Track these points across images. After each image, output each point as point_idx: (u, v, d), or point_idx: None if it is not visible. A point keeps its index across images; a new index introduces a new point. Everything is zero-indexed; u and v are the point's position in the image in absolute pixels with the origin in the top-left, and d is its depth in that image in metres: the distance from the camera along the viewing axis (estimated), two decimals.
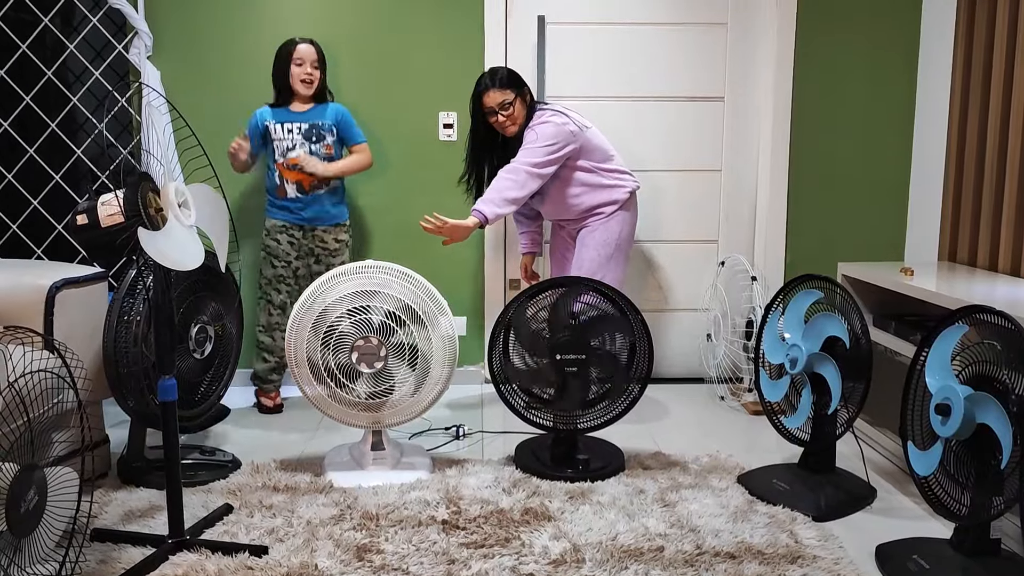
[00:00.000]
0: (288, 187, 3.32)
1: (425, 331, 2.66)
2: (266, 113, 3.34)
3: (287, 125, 3.31)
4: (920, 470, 2.18)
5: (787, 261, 3.80)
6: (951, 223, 3.36)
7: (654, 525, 2.38)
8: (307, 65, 3.30)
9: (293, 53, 3.29)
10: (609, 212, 3.28)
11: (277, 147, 3.31)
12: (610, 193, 3.27)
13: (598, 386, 2.80)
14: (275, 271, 3.37)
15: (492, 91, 3.16)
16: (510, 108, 3.17)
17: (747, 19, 3.73)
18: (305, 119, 3.33)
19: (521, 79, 3.23)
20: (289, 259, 3.37)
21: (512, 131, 3.21)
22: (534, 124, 3.17)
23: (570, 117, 3.18)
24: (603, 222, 3.28)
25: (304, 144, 3.31)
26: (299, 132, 3.31)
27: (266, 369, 3.41)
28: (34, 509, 1.86)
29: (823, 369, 2.54)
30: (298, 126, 3.31)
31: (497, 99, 3.16)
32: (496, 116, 3.19)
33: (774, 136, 3.72)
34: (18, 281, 2.56)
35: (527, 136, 3.16)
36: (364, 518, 2.41)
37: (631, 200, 3.32)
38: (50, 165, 3.55)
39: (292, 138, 3.31)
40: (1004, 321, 2.01)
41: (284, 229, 3.35)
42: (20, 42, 3.47)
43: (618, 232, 3.29)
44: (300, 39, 3.33)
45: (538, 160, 3.10)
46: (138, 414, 2.61)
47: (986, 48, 3.15)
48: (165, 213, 2.06)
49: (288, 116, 3.33)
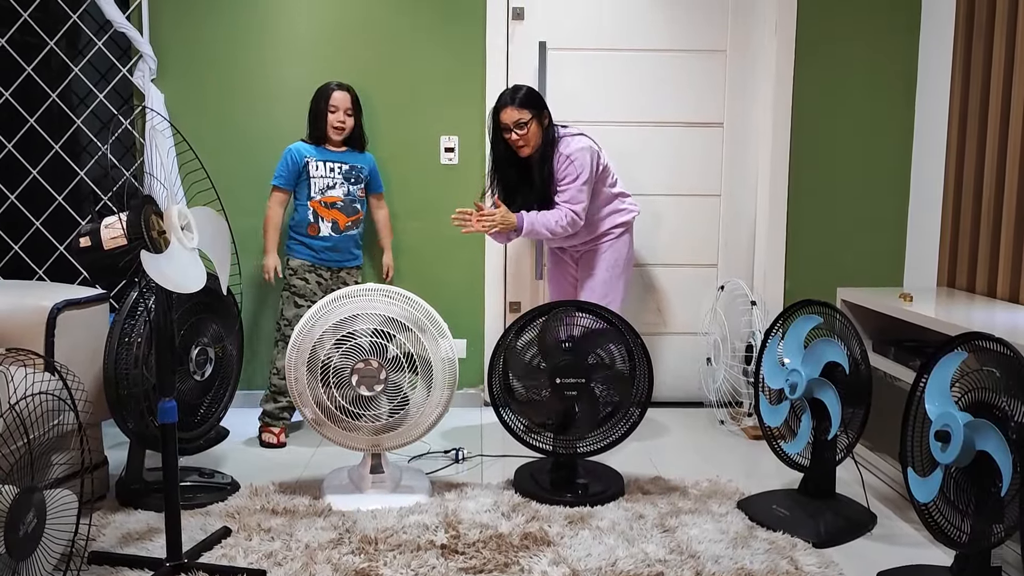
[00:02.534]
0: (323, 224, 3.35)
1: (412, 335, 2.66)
2: (306, 149, 3.37)
3: (329, 164, 3.36)
4: (920, 497, 2.17)
5: (786, 286, 3.81)
6: (950, 249, 3.38)
7: (654, 551, 2.37)
8: (340, 112, 3.36)
9: (330, 99, 3.35)
10: (618, 234, 3.32)
11: (315, 184, 3.34)
12: (619, 216, 3.32)
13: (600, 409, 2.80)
14: (298, 311, 3.31)
15: (509, 108, 3.16)
16: (525, 128, 3.16)
17: (746, 46, 3.76)
18: (345, 160, 3.40)
19: (541, 100, 3.22)
20: (315, 299, 3.30)
21: (526, 152, 3.21)
22: (568, 153, 3.17)
23: (591, 140, 3.24)
24: (611, 243, 3.32)
25: (344, 184, 3.37)
26: (340, 172, 3.37)
27: (277, 408, 3.34)
28: (33, 532, 1.86)
29: (823, 394, 2.54)
30: (339, 165, 3.38)
31: (513, 117, 3.15)
32: (511, 133, 3.18)
33: (773, 161, 3.75)
34: (20, 302, 2.56)
35: (566, 168, 3.16)
36: (363, 542, 2.40)
37: (632, 224, 3.38)
38: (53, 187, 3.57)
39: (334, 177, 3.36)
40: (1003, 348, 2.02)
41: (312, 269, 3.38)
42: (25, 64, 3.50)
43: (625, 253, 3.35)
44: (336, 85, 3.39)
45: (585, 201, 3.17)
46: (137, 436, 2.61)
47: (983, 75, 3.18)
48: (168, 236, 2.07)
49: (329, 155, 3.38)
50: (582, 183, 3.15)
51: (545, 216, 3.16)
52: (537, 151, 3.20)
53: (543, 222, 3.15)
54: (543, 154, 3.20)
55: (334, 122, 3.36)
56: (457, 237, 3.70)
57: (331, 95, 3.36)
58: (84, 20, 3.54)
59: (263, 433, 3.33)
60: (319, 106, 3.38)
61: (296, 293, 3.36)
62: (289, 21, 3.63)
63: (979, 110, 3.20)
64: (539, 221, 3.15)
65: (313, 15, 3.63)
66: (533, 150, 3.20)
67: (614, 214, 3.31)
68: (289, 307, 3.36)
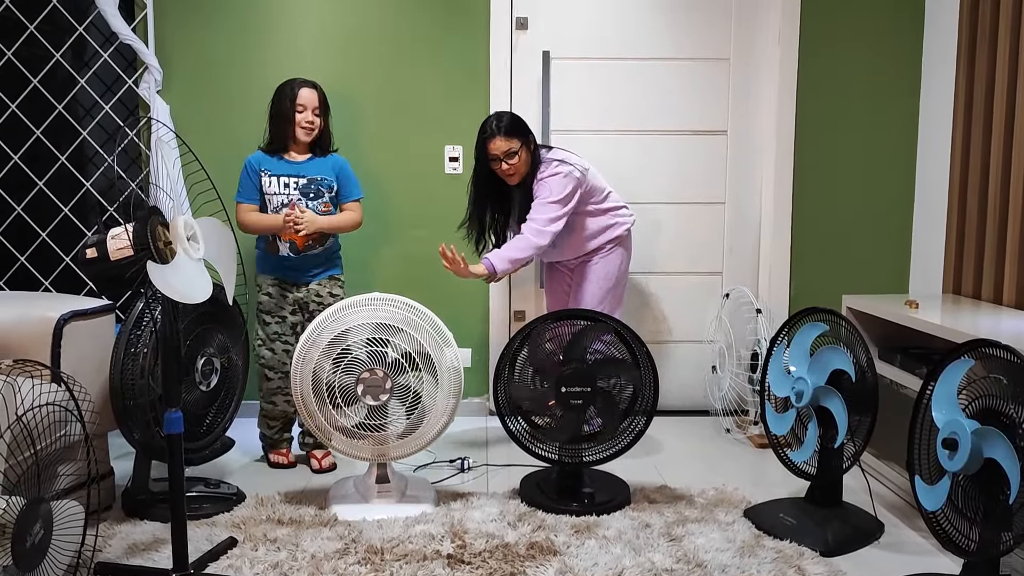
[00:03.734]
0: (281, 245, 3.09)
1: (406, 335, 2.65)
2: (261, 160, 3.09)
3: (283, 179, 3.06)
4: (928, 505, 2.16)
5: (791, 293, 3.81)
6: (955, 255, 3.37)
7: (660, 560, 2.36)
8: (308, 112, 3.06)
9: (296, 99, 3.05)
10: (609, 248, 3.31)
11: (270, 201, 3.07)
12: (611, 231, 3.30)
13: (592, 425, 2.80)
14: (267, 329, 3.13)
15: (498, 139, 3.11)
16: (515, 157, 3.12)
17: (749, 54, 3.77)
18: (303, 172, 3.09)
19: (526, 126, 3.18)
20: (284, 314, 3.13)
21: (515, 181, 3.18)
22: (543, 176, 3.14)
23: (573, 163, 3.17)
24: (603, 256, 3.31)
25: (301, 200, 3.06)
26: (296, 187, 3.07)
27: (273, 433, 3.22)
28: (40, 543, 1.86)
29: (829, 402, 2.53)
30: (295, 180, 3.07)
31: (503, 148, 3.11)
32: (500, 164, 3.14)
33: (777, 169, 3.75)
34: (26, 313, 2.57)
35: (538, 190, 3.14)
36: (369, 552, 2.40)
37: (628, 235, 3.36)
38: (59, 198, 3.58)
39: (288, 193, 3.06)
40: (1010, 355, 2.01)
41: (277, 282, 3.13)
42: (32, 76, 3.52)
43: (618, 265, 3.33)
44: (302, 81, 3.10)
45: (551, 216, 3.10)
46: (144, 446, 2.61)
47: (987, 81, 3.18)
48: (174, 246, 2.08)
49: (285, 168, 3.08)
50: (551, 200, 3.09)
51: (511, 242, 3.12)
52: (526, 178, 3.18)
53: (511, 247, 3.09)
54: (527, 182, 3.19)
55: (302, 122, 3.04)
56: (462, 246, 3.70)
57: (297, 93, 3.05)
58: (90, 32, 3.56)
59: (270, 455, 3.20)
60: (282, 107, 3.06)
61: (262, 310, 3.15)
62: (294, 32, 3.65)
63: (983, 116, 3.20)
64: (507, 251, 3.08)
65: (318, 26, 3.65)
66: (522, 177, 3.17)
67: (606, 230, 3.29)
68: (262, 326, 3.16)
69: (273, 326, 3.15)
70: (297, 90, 3.07)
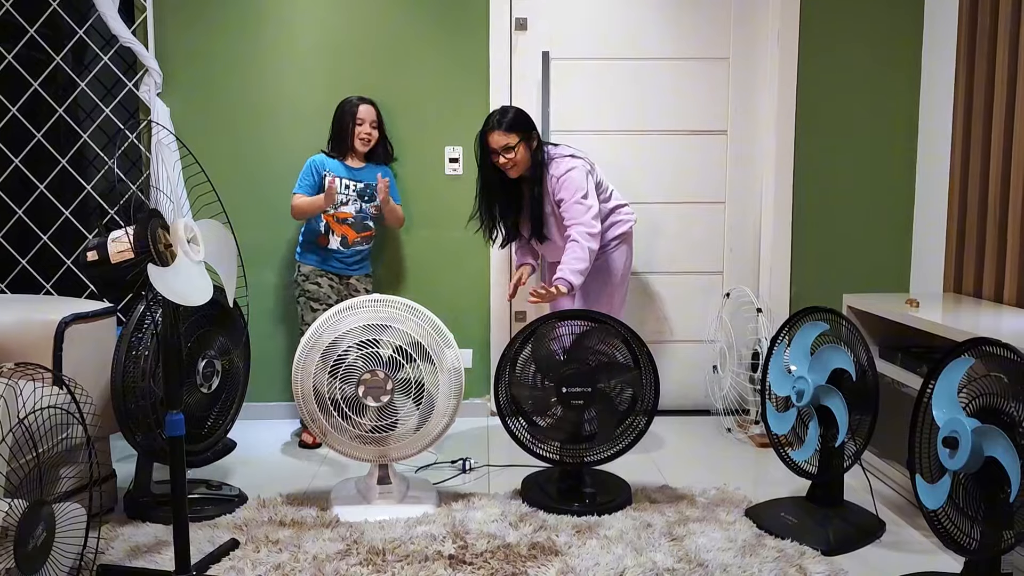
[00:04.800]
0: (332, 238, 3.42)
1: (432, 367, 2.67)
2: (328, 162, 3.43)
3: (345, 181, 3.41)
4: (929, 503, 2.16)
5: (792, 292, 3.81)
6: (956, 254, 3.37)
7: (662, 560, 2.36)
8: (366, 125, 3.43)
9: (356, 113, 3.41)
10: (614, 245, 3.31)
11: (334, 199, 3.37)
12: (616, 228, 3.31)
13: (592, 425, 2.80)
14: (315, 315, 3.28)
15: (497, 132, 3.16)
16: (513, 152, 3.16)
17: (749, 54, 3.77)
18: (361, 178, 3.44)
19: (530, 122, 3.22)
20: (330, 302, 3.39)
21: (514, 174, 3.21)
22: (560, 173, 3.16)
23: (581, 156, 3.22)
24: (609, 254, 3.31)
25: (356, 202, 3.43)
26: (354, 190, 3.42)
27: None
28: (42, 545, 1.86)
29: (830, 401, 2.53)
30: (355, 184, 3.43)
31: (501, 142, 3.15)
32: (499, 157, 3.18)
33: (777, 168, 3.75)
34: (28, 316, 2.58)
35: (560, 189, 3.15)
36: (370, 553, 2.40)
37: (631, 233, 3.36)
38: (60, 201, 3.59)
39: (347, 194, 3.41)
40: (1010, 353, 2.01)
41: (324, 273, 3.45)
42: (32, 80, 3.53)
43: (621, 264, 3.34)
44: (359, 98, 3.45)
45: (589, 212, 3.10)
46: (145, 449, 2.61)
47: (987, 79, 3.18)
48: (175, 249, 2.08)
49: (347, 172, 3.43)
50: (581, 196, 3.12)
51: (568, 255, 3.07)
52: (527, 171, 3.21)
53: (573, 259, 3.05)
54: (533, 174, 3.21)
55: (361, 134, 3.42)
56: (463, 247, 3.73)
57: (357, 108, 3.42)
58: (90, 35, 3.56)
59: (304, 434, 3.45)
60: (344, 120, 3.44)
61: (311, 298, 3.44)
62: (294, 34, 3.65)
63: (983, 113, 3.20)
64: (571, 264, 3.04)
65: (318, 29, 3.65)
66: (522, 171, 3.21)
67: (610, 228, 3.30)
68: (307, 312, 3.44)
69: (322, 312, 3.23)
70: (357, 105, 3.44)
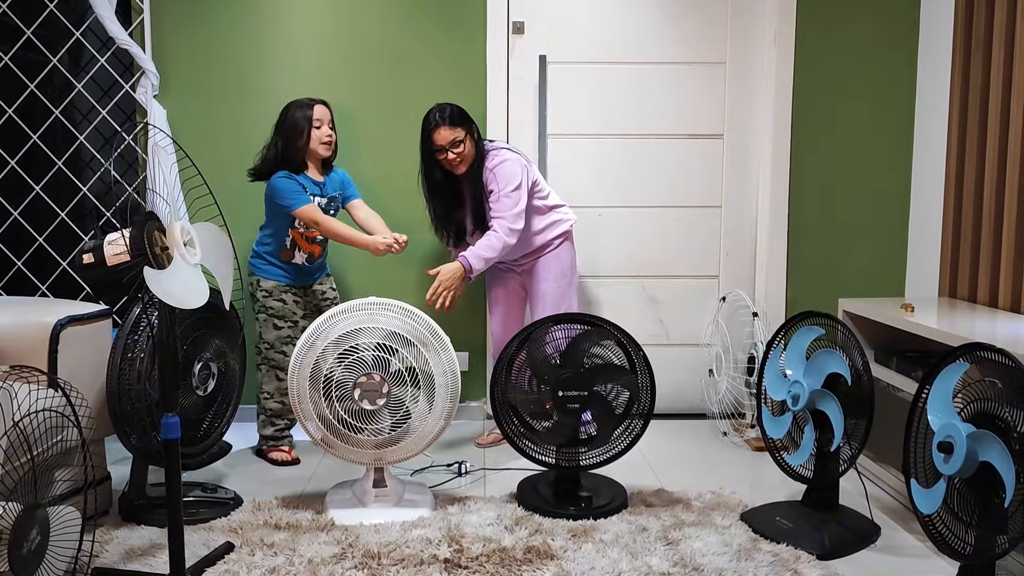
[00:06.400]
0: (298, 254, 3.23)
1: (415, 349, 2.66)
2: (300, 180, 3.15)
3: (317, 199, 3.18)
4: (924, 508, 2.17)
5: (788, 297, 3.82)
6: (951, 259, 3.38)
7: (657, 564, 2.36)
8: (325, 126, 3.17)
9: (312, 116, 3.13)
10: (558, 244, 3.35)
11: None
12: (556, 227, 3.34)
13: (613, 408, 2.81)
14: (279, 332, 3.24)
15: (443, 128, 3.16)
16: (461, 146, 3.18)
17: (746, 58, 3.78)
18: (325, 192, 3.23)
19: (469, 116, 3.24)
20: (296, 318, 3.26)
21: (461, 169, 3.23)
22: (492, 166, 3.20)
23: (516, 151, 3.27)
24: (554, 253, 3.35)
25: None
26: (320, 207, 3.18)
27: (276, 431, 3.29)
28: (36, 549, 1.86)
29: (825, 406, 2.54)
30: (319, 200, 3.19)
31: (448, 137, 3.16)
32: (446, 154, 3.19)
33: (773, 172, 3.75)
34: (23, 319, 2.57)
35: (491, 181, 3.19)
36: (366, 556, 2.40)
37: (571, 232, 3.41)
38: (56, 203, 3.58)
39: None
40: (1005, 359, 2.02)
41: (287, 289, 3.25)
42: (28, 81, 3.52)
43: (569, 261, 3.38)
44: (311, 100, 3.18)
45: (514, 205, 3.15)
46: (140, 451, 2.61)
47: (982, 84, 3.19)
48: (171, 252, 2.08)
49: (313, 188, 3.17)
50: (511, 189, 3.16)
51: (483, 241, 3.15)
52: (471, 167, 3.23)
53: (484, 246, 3.12)
54: (473, 170, 3.24)
55: (322, 138, 3.16)
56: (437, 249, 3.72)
57: (312, 110, 3.14)
58: (87, 37, 3.56)
59: (271, 454, 3.27)
60: (298, 125, 3.12)
61: (275, 315, 3.24)
62: (291, 37, 3.65)
63: (979, 119, 3.21)
64: (480, 250, 3.12)
65: (314, 31, 3.65)
66: (468, 166, 3.23)
67: (551, 226, 3.33)
68: (268, 330, 3.24)
69: (286, 330, 3.27)
70: (312, 106, 3.16)
